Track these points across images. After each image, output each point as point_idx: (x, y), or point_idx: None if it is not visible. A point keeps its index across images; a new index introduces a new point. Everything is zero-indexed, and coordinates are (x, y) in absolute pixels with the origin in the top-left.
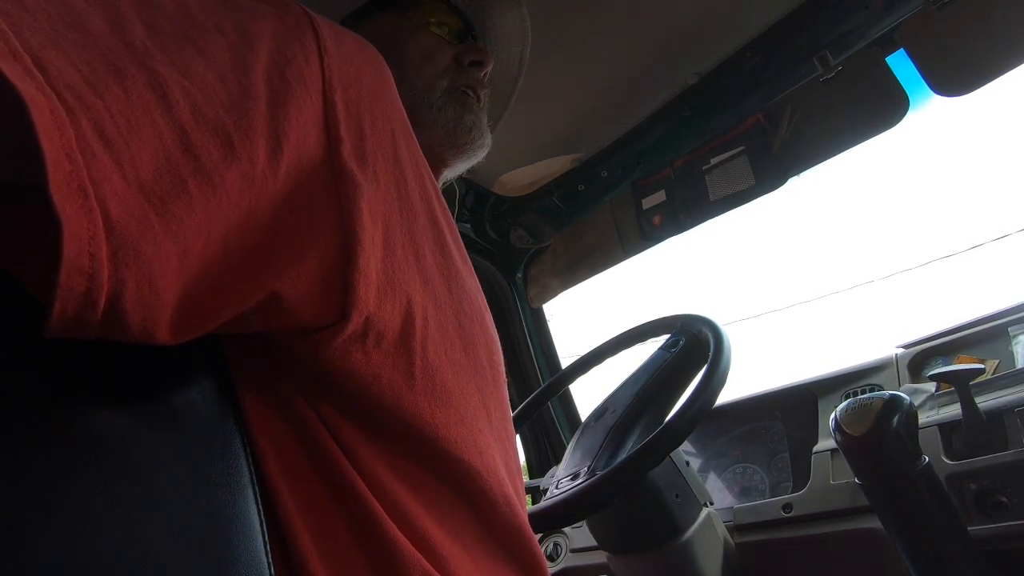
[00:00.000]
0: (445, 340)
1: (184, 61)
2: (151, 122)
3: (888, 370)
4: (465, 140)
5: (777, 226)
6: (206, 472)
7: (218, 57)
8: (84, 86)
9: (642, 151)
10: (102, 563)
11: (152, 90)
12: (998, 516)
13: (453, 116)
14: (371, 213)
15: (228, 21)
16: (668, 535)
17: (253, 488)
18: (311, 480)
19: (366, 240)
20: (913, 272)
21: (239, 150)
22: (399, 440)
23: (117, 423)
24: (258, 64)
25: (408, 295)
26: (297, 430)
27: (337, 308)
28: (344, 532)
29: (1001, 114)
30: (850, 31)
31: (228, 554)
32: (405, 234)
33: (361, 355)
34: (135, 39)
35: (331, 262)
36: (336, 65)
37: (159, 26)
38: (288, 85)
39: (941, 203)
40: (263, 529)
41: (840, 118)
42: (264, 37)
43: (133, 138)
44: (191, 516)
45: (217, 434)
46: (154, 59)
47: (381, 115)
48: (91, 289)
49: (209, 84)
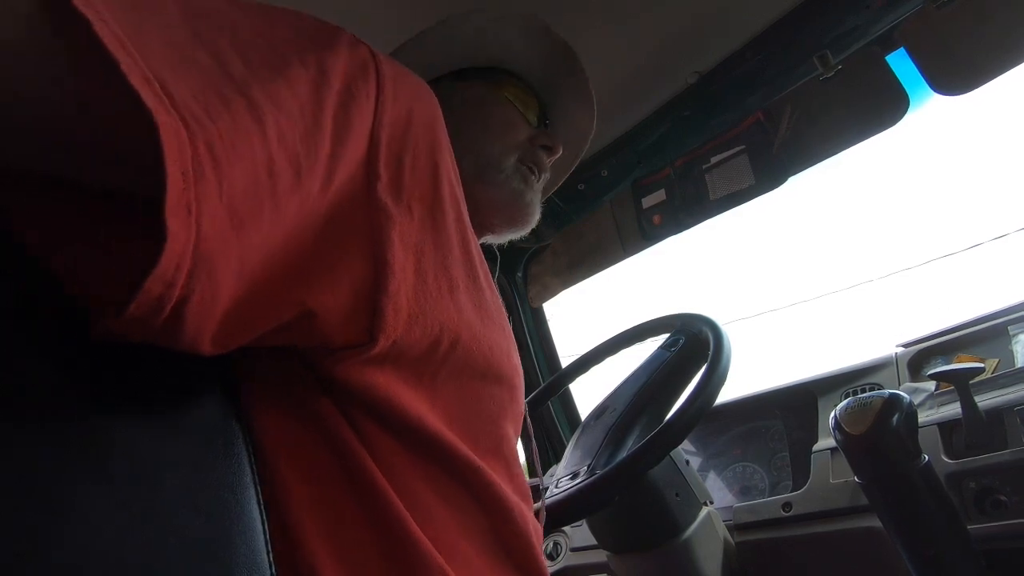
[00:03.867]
0: (472, 368)
1: (275, 91)
2: (250, 147)
3: (888, 369)
4: (520, 213)
5: (776, 225)
6: (209, 472)
7: (300, 89)
8: (201, 111)
9: (642, 150)
10: (104, 563)
11: (252, 117)
12: (997, 515)
13: (516, 188)
14: (403, 243)
15: (310, 54)
16: (668, 534)
17: (255, 488)
18: (329, 479)
19: (397, 268)
20: (913, 271)
21: (304, 179)
22: (420, 447)
23: (120, 424)
24: (330, 99)
25: (440, 323)
26: (316, 429)
27: (365, 330)
28: (362, 530)
29: (1001, 113)
30: (850, 30)
31: (230, 554)
32: (439, 264)
33: (382, 375)
34: (234, 71)
35: (363, 286)
36: (389, 104)
37: (252, 59)
38: (350, 122)
39: (940, 202)
40: (265, 529)
41: (840, 117)
42: (338, 73)
43: (235, 161)
44: (193, 516)
45: (220, 435)
46: (252, 88)
47: (424, 152)
48: (164, 296)
49: (293, 115)
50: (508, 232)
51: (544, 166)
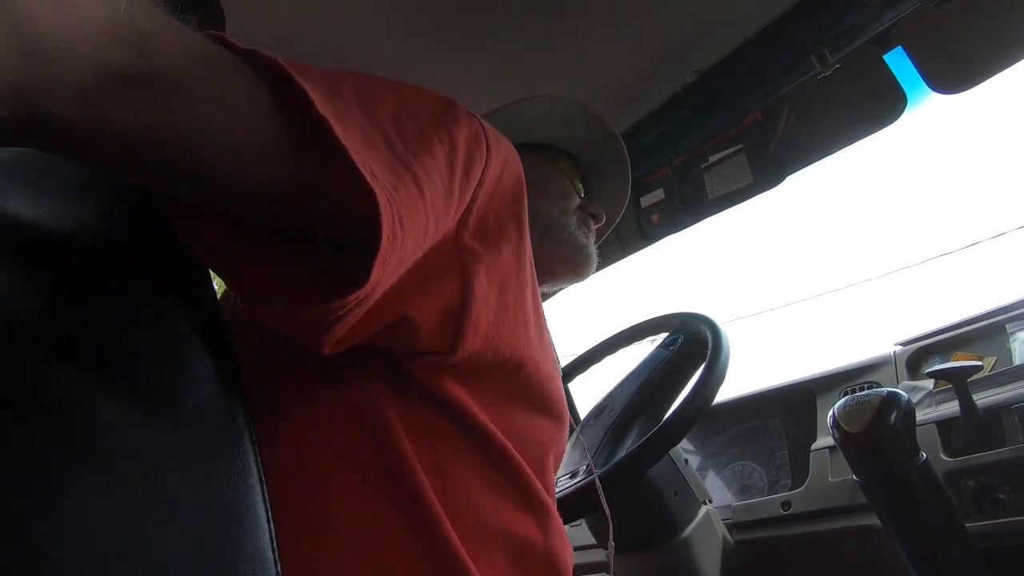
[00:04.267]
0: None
1: (427, 166)
2: (418, 214)
3: (886, 367)
4: (584, 262)
5: (775, 224)
6: (214, 470)
7: (440, 161)
8: (391, 187)
9: (640, 149)
10: (108, 561)
11: (417, 190)
12: (996, 513)
13: (581, 242)
14: (489, 276)
15: (442, 130)
16: (667, 533)
17: (261, 486)
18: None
19: (480, 295)
20: (911, 270)
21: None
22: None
23: (125, 421)
24: (458, 166)
25: (511, 347)
26: (370, 429)
27: (449, 340)
28: (399, 533)
29: (999, 112)
30: (848, 29)
31: (235, 552)
32: (517, 299)
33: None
34: (399, 151)
35: (451, 306)
36: (491, 170)
37: (408, 139)
38: (468, 184)
39: (939, 201)
40: (270, 527)
41: (838, 116)
42: (462, 144)
43: (410, 226)
44: (198, 514)
45: (225, 433)
46: (414, 166)
47: (509, 208)
48: (342, 313)
49: (437, 183)
50: (568, 280)
51: (592, 230)
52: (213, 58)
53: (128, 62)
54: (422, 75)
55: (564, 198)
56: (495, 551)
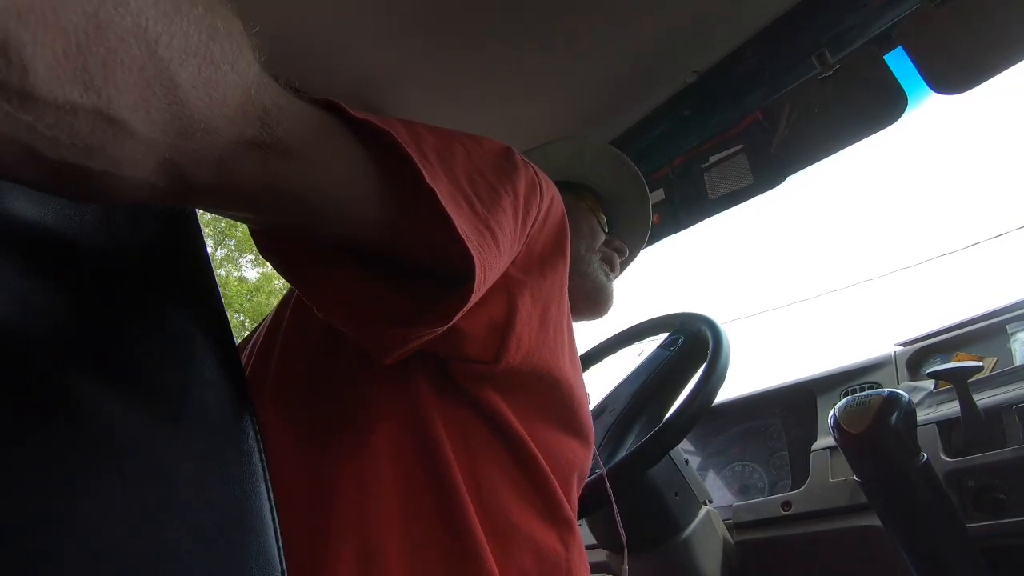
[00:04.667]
0: (562, 414)
1: (499, 220)
2: (496, 265)
3: (887, 368)
4: (602, 300)
5: (776, 225)
6: (221, 471)
7: (508, 213)
8: (479, 246)
9: (640, 150)
10: (117, 558)
11: (495, 245)
12: (996, 513)
13: (601, 279)
14: (533, 299)
15: (508, 182)
16: (667, 533)
17: (267, 486)
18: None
19: (524, 313)
20: (912, 270)
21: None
22: (515, 452)
23: (134, 422)
24: (519, 214)
25: (548, 364)
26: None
27: (494, 351)
28: (436, 532)
29: (1000, 112)
30: (849, 29)
31: (241, 551)
32: (558, 324)
33: (495, 393)
34: (478, 209)
35: (497, 319)
36: (542, 213)
37: (483, 196)
38: (526, 228)
39: (939, 201)
40: (276, 526)
41: (839, 116)
42: (522, 194)
43: (490, 277)
44: (205, 514)
45: (231, 434)
46: (490, 222)
47: (554, 240)
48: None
49: (507, 234)
50: (588, 316)
51: (616, 266)
52: (325, 128)
53: (254, 134)
54: (422, 75)
55: (590, 236)
56: (523, 555)
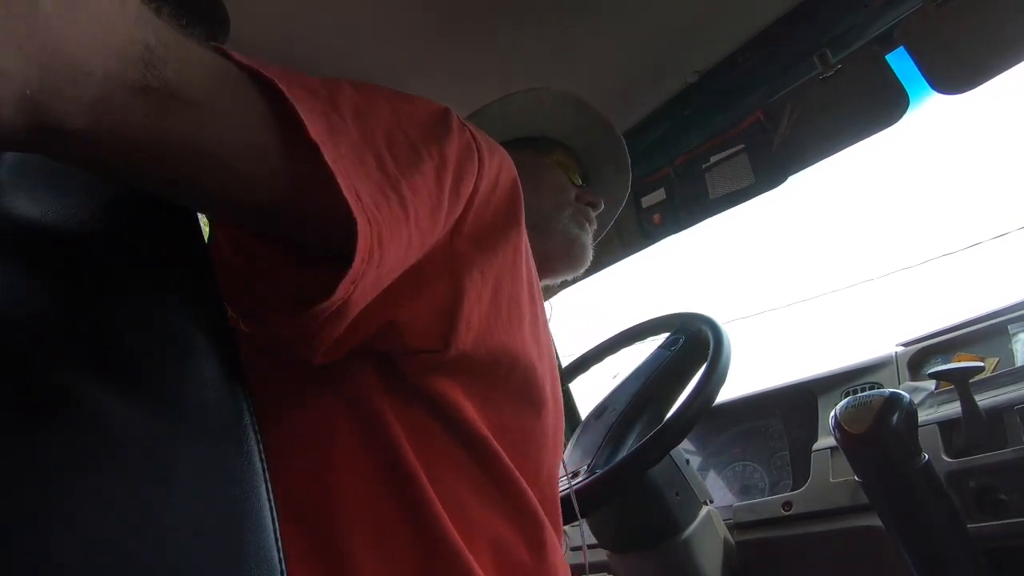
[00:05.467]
0: (525, 396)
1: (414, 184)
2: (400, 232)
3: (888, 368)
4: (578, 254)
5: (776, 224)
6: (220, 469)
7: (429, 177)
8: (374, 208)
9: (642, 149)
10: (114, 556)
11: (401, 209)
12: (998, 514)
13: (574, 234)
14: (482, 276)
15: (434, 145)
16: (668, 533)
17: (266, 485)
18: (374, 479)
19: (472, 293)
20: (913, 270)
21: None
22: (470, 447)
23: (133, 420)
24: (448, 180)
25: (504, 345)
26: (369, 428)
27: (441, 338)
28: (401, 528)
29: (1001, 112)
30: (850, 29)
31: (241, 550)
32: (513, 298)
33: (449, 383)
34: (389, 170)
35: (442, 304)
36: (485, 180)
37: (398, 156)
38: (459, 195)
39: (940, 201)
40: (275, 526)
41: (840, 116)
42: (452, 158)
43: (390, 244)
44: (205, 512)
45: (232, 432)
46: (401, 185)
47: (505, 211)
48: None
49: (424, 199)
50: (566, 272)
51: (592, 219)
52: (217, 72)
53: (135, 76)
54: (423, 76)
55: (556, 191)
56: (482, 555)
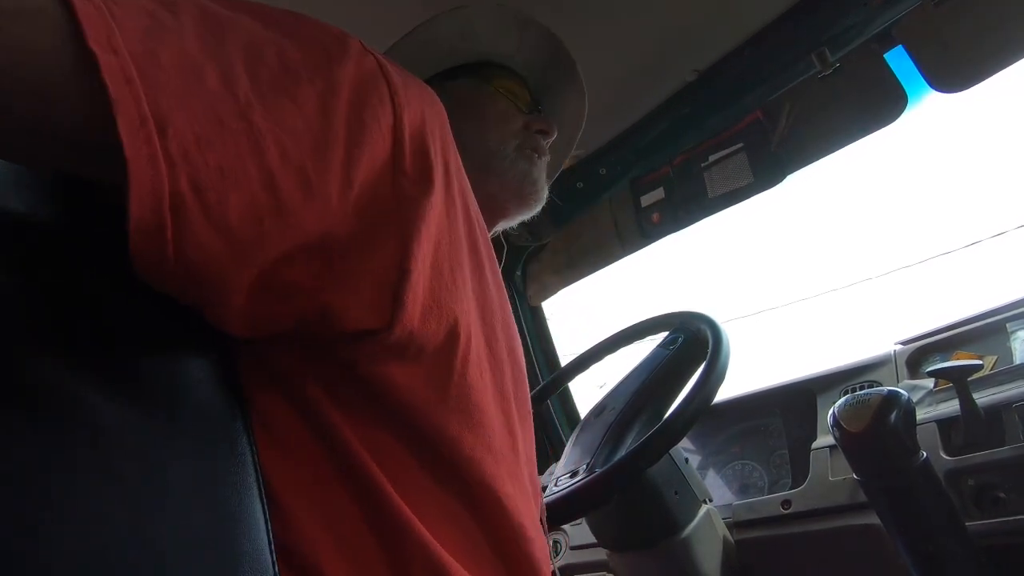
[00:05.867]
0: (480, 363)
1: (279, 110)
2: (243, 170)
3: (886, 366)
4: (530, 191)
5: (775, 222)
6: (213, 471)
7: (307, 104)
8: (193, 143)
9: (640, 148)
10: (108, 559)
11: (249, 139)
12: (996, 512)
13: (523, 169)
14: (427, 234)
15: (318, 69)
16: (667, 532)
17: (258, 486)
18: (328, 481)
19: (419, 259)
20: (911, 269)
21: (316, 189)
22: (425, 454)
23: (125, 420)
24: (340, 108)
25: (454, 315)
26: (315, 430)
27: (385, 318)
28: (364, 532)
29: (999, 111)
30: (848, 28)
31: (233, 552)
32: (453, 257)
33: (399, 366)
34: (240, 92)
35: (385, 277)
36: (405, 106)
37: (261, 77)
38: (364, 126)
39: (939, 200)
40: (268, 528)
41: (838, 115)
42: (346, 84)
43: (224, 185)
44: (197, 513)
45: (224, 433)
46: (254, 111)
47: (439, 150)
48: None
49: (297, 130)
50: (520, 213)
51: (543, 149)
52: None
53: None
54: None
55: (501, 122)
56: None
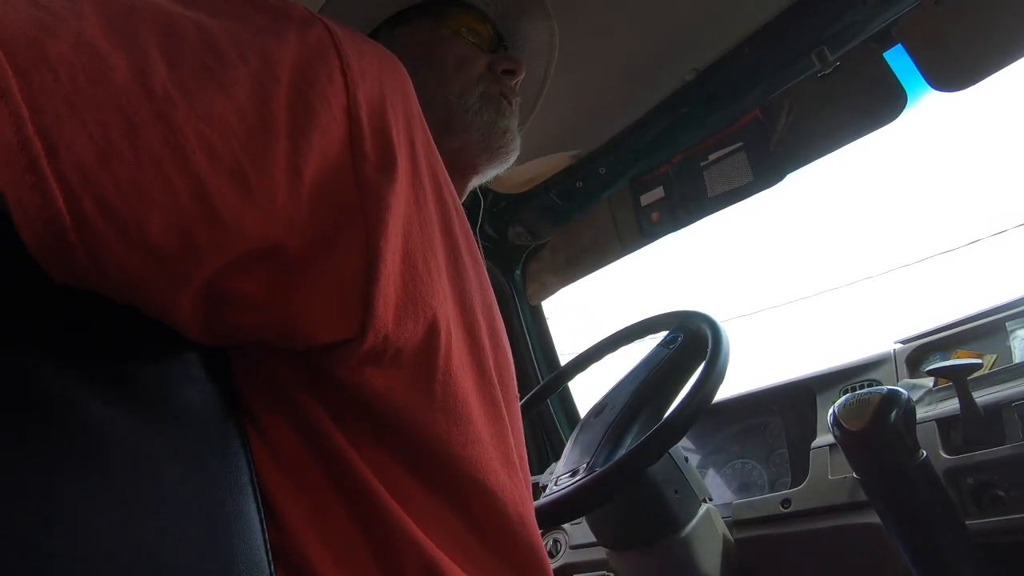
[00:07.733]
0: (461, 356)
1: (204, 102)
2: (164, 181)
3: (886, 365)
4: (500, 143)
5: (775, 222)
6: (206, 471)
7: (239, 91)
8: (95, 160)
9: (640, 148)
10: (100, 561)
11: (167, 144)
12: (996, 510)
13: (488, 120)
14: (395, 227)
15: (252, 47)
16: (667, 531)
17: (253, 487)
18: (318, 483)
19: (388, 256)
20: (911, 268)
21: (256, 190)
22: (412, 454)
23: (118, 421)
24: (280, 92)
25: (433, 310)
26: (304, 432)
27: (355, 325)
28: (354, 532)
29: (999, 109)
30: (848, 26)
31: (228, 553)
32: (426, 246)
33: (377, 371)
34: (156, 84)
35: (351, 280)
36: (359, 80)
37: (182, 62)
38: (311, 110)
39: (939, 199)
40: (263, 528)
41: (838, 114)
42: (286, 62)
43: (141, 203)
44: (191, 515)
45: (218, 433)
46: (175, 107)
47: (403, 126)
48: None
49: (228, 123)
50: (493, 167)
51: (512, 90)
52: None
53: None
54: None
55: (461, 68)
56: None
